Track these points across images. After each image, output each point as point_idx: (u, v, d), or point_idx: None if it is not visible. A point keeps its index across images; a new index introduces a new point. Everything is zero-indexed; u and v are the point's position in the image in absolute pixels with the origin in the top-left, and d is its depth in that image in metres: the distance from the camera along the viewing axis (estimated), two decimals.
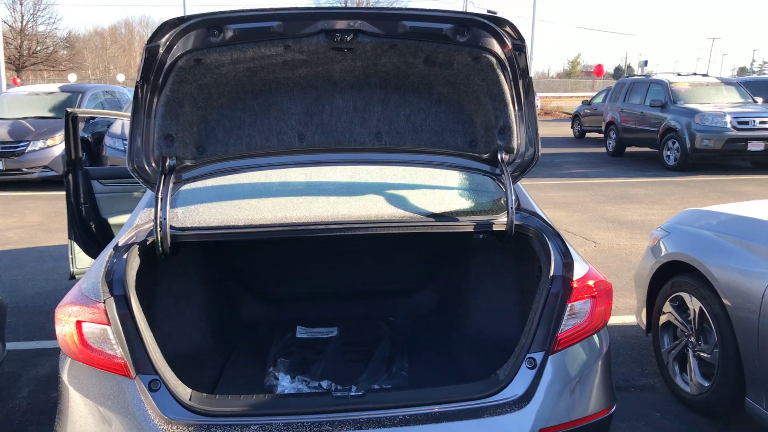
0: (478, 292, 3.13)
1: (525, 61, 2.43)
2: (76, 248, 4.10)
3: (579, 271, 2.26)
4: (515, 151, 2.64)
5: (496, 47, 2.36)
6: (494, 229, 2.59)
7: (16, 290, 5.27)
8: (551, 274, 2.23)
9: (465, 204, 2.68)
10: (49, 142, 10.33)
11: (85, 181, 4.15)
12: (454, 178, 2.82)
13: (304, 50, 2.31)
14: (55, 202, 9.16)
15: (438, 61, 2.42)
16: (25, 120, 10.84)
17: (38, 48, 42.13)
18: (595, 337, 2.26)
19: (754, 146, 11.26)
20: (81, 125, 10.96)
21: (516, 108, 2.56)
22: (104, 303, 2.04)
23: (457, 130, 2.68)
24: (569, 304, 2.18)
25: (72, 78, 29.58)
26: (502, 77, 2.45)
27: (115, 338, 2.01)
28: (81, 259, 4.10)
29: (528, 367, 2.10)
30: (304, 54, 2.34)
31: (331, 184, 2.72)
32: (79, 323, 2.03)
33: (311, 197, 2.64)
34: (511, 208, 2.55)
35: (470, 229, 2.57)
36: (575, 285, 2.20)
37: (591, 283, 2.25)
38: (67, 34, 52.59)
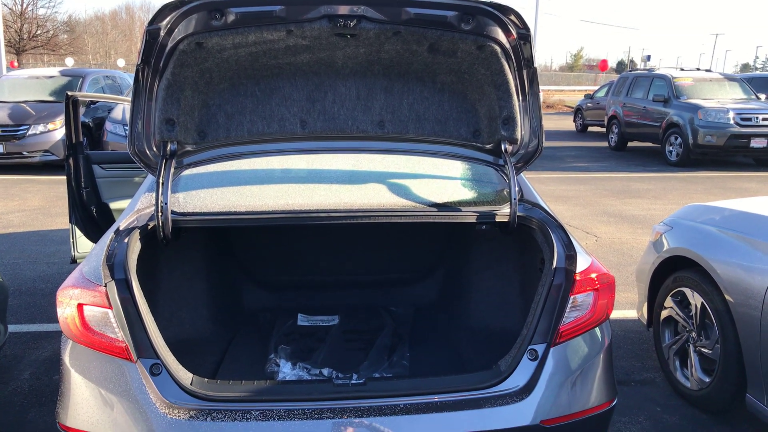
0: (480, 282, 3.12)
1: (530, 50, 2.41)
2: (78, 232, 4.09)
3: (582, 263, 2.25)
4: (519, 141, 2.62)
5: (501, 36, 2.34)
6: (497, 220, 2.57)
7: (17, 273, 5.28)
8: (554, 265, 2.21)
9: (468, 194, 2.67)
10: (50, 126, 10.31)
11: (86, 166, 4.14)
12: (457, 168, 2.80)
13: (306, 35, 2.29)
14: (56, 186, 9.15)
15: (442, 49, 2.40)
16: (26, 104, 10.81)
17: (38, 32, 41.89)
18: (597, 330, 2.25)
19: (757, 143, 11.24)
20: (82, 110, 11.02)
21: (520, 98, 2.54)
22: (105, 286, 2.03)
23: (461, 119, 2.66)
24: (571, 297, 2.17)
25: (69, 62, 29.36)
26: (506, 67, 2.43)
27: (116, 321, 2.01)
28: (82, 244, 4.10)
29: (529, 359, 2.10)
30: (307, 39, 2.31)
31: (333, 172, 2.71)
32: (80, 306, 2.03)
33: (313, 185, 2.62)
34: (514, 199, 2.53)
35: (473, 219, 2.56)
36: (578, 277, 2.19)
37: (594, 275, 2.24)
38: (68, 18, 52.31)
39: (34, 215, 7.43)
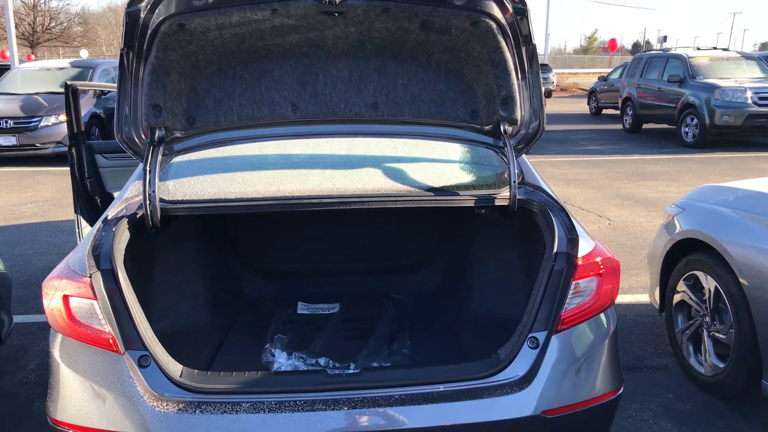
0: (482, 269, 3.04)
1: (527, 26, 2.31)
2: (83, 222, 4.09)
3: (584, 247, 2.16)
4: (519, 122, 2.52)
5: (496, 11, 2.24)
6: (496, 203, 2.49)
7: (27, 264, 5.30)
8: (555, 250, 2.13)
9: (466, 178, 2.58)
10: (62, 117, 10.33)
11: (89, 156, 4.15)
12: (454, 150, 2.71)
13: (292, 15, 2.20)
14: (69, 177, 9.18)
15: (435, 26, 2.30)
16: (38, 95, 10.85)
17: (52, 24, 42.09)
18: (602, 316, 2.16)
19: None
20: (93, 101, 11.05)
21: (519, 77, 2.44)
22: (90, 277, 1.98)
23: (458, 100, 2.56)
24: (573, 282, 2.08)
25: (84, 54, 29.42)
26: (503, 43, 2.33)
27: (102, 313, 1.96)
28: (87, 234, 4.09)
29: (530, 347, 2.02)
30: (293, 19, 2.23)
31: (326, 157, 2.63)
32: (66, 298, 1.98)
33: (306, 170, 2.55)
34: (514, 182, 2.44)
35: (471, 203, 2.47)
36: (580, 262, 2.11)
37: (598, 260, 2.15)
38: (80, 9, 52.57)
39: (46, 206, 7.47)
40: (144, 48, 2.22)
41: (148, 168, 2.32)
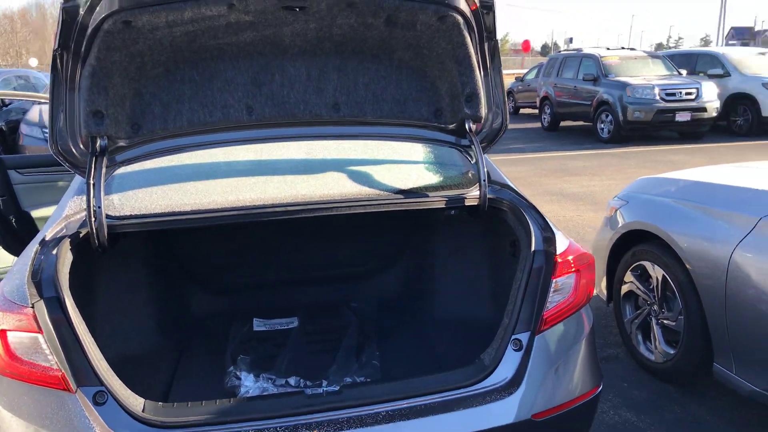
0: (446, 270, 2.97)
1: (492, 20, 2.26)
2: None
3: (561, 244, 2.14)
4: (483, 119, 2.48)
5: (463, 5, 2.18)
6: (466, 203, 2.42)
7: None
8: (533, 248, 2.09)
9: (433, 178, 2.50)
10: None
11: (0, 171, 3.74)
12: (420, 151, 2.63)
13: (250, 10, 2.04)
14: None
15: (400, 21, 2.21)
16: None
17: None
18: (580, 313, 2.15)
19: (681, 117, 11.67)
20: None
21: (482, 73, 2.39)
22: (33, 307, 1.75)
23: (421, 99, 2.48)
24: (553, 280, 2.05)
25: None
26: (468, 39, 2.26)
27: (48, 347, 1.73)
28: (2, 258, 3.71)
29: (514, 349, 1.97)
30: (251, 15, 2.07)
31: (286, 162, 2.48)
32: (3, 333, 1.74)
33: (265, 177, 2.38)
34: (483, 180, 2.39)
35: (441, 204, 2.40)
36: (559, 259, 2.08)
37: (573, 257, 2.13)
38: None
39: None
40: (83, 48, 1.99)
41: (91, 181, 2.08)
